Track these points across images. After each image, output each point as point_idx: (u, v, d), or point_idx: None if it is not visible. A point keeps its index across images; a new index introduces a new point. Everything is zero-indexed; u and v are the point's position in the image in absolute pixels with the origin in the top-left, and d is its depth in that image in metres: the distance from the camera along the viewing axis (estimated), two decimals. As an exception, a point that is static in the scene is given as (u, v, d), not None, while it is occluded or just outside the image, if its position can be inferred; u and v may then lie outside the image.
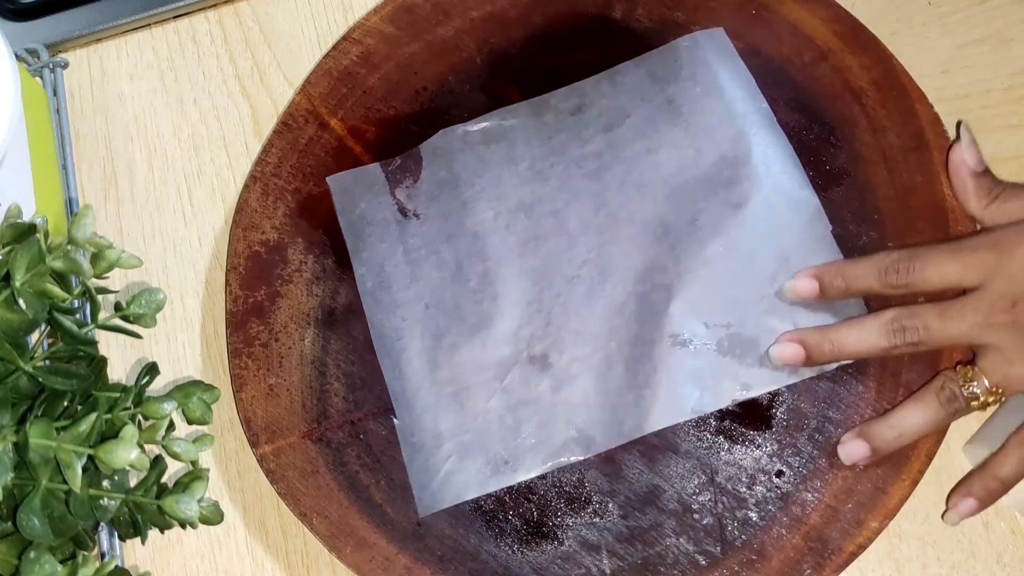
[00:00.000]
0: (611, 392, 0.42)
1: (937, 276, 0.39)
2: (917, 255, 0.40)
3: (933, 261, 0.39)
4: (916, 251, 0.40)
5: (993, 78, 0.47)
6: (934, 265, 0.39)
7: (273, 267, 0.46)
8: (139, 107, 0.51)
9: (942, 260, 0.39)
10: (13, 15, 0.52)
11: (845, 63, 0.46)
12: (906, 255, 0.40)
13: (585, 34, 0.48)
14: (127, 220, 0.50)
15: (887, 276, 0.40)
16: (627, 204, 0.44)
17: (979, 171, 0.42)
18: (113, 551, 0.42)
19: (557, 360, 0.43)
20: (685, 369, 0.42)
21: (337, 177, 0.47)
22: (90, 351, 0.39)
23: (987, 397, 0.39)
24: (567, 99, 0.47)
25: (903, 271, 0.39)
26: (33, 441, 0.34)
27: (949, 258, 0.39)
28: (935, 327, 0.39)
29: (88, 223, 0.39)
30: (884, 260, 0.40)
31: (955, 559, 0.41)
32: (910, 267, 0.39)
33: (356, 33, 0.49)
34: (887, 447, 0.40)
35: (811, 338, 0.40)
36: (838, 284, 0.41)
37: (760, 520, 0.40)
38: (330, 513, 0.42)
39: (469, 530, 0.41)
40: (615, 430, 0.41)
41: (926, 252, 0.40)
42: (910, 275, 0.39)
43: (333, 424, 0.43)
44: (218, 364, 0.46)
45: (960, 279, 0.39)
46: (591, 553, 0.41)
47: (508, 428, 0.42)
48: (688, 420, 0.41)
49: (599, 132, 0.46)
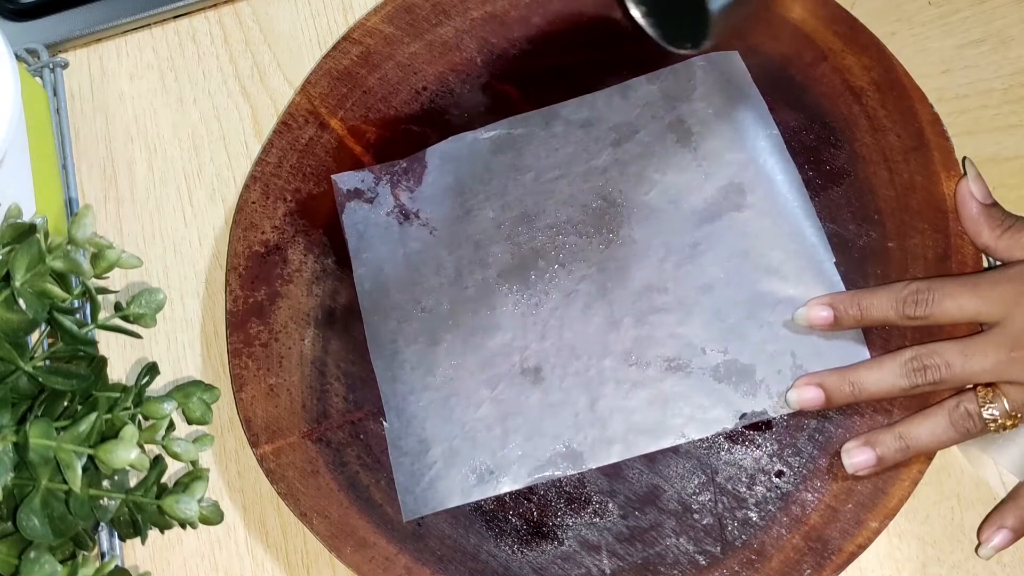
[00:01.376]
0: (602, 410, 0.42)
1: (956, 309, 0.39)
2: (935, 287, 0.39)
3: (953, 294, 0.39)
4: (933, 283, 0.39)
5: (993, 78, 0.47)
6: (953, 298, 0.39)
7: (273, 267, 0.46)
8: (139, 107, 0.51)
9: (961, 293, 0.39)
10: (13, 15, 0.52)
11: (845, 63, 0.46)
12: (924, 286, 0.39)
13: (585, 34, 0.48)
14: (127, 220, 0.50)
15: (905, 307, 0.39)
16: (630, 222, 0.44)
17: (988, 203, 0.42)
18: (113, 551, 0.42)
19: (549, 374, 0.43)
20: (679, 393, 0.42)
21: (341, 176, 0.47)
22: (90, 351, 0.39)
23: (1006, 420, 0.38)
24: (577, 111, 0.46)
25: (922, 303, 0.39)
26: (33, 441, 0.34)
27: (969, 291, 0.39)
28: (957, 365, 0.38)
29: (88, 223, 0.39)
30: (902, 291, 0.39)
31: (955, 559, 0.41)
32: (929, 299, 0.39)
33: (356, 33, 0.49)
34: (892, 458, 0.39)
35: (830, 381, 0.40)
36: (853, 313, 0.40)
37: (760, 520, 0.40)
38: (330, 513, 0.42)
39: (469, 530, 0.41)
40: (603, 449, 0.41)
41: (944, 284, 0.39)
42: (929, 307, 0.39)
43: (333, 424, 0.43)
44: (218, 364, 0.46)
45: (979, 313, 0.38)
46: (591, 553, 0.41)
47: (496, 438, 0.42)
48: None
49: (607, 147, 0.45)
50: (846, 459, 0.40)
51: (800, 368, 0.41)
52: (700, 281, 0.43)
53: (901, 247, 0.43)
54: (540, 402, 0.42)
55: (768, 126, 0.45)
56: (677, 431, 0.41)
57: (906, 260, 0.43)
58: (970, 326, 0.40)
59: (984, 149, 0.45)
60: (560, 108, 0.46)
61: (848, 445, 0.40)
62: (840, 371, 0.40)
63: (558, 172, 0.45)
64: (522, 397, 0.42)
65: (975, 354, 0.38)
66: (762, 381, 0.41)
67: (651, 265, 0.43)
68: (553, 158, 0.46)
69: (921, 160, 0.44)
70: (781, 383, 0.41)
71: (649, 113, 0.46)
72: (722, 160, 0.44)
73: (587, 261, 0.44)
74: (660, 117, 0.46)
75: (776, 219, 0.43)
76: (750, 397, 0.41)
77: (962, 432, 0.38)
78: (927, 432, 0.39)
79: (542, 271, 0.44)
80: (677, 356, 0.42)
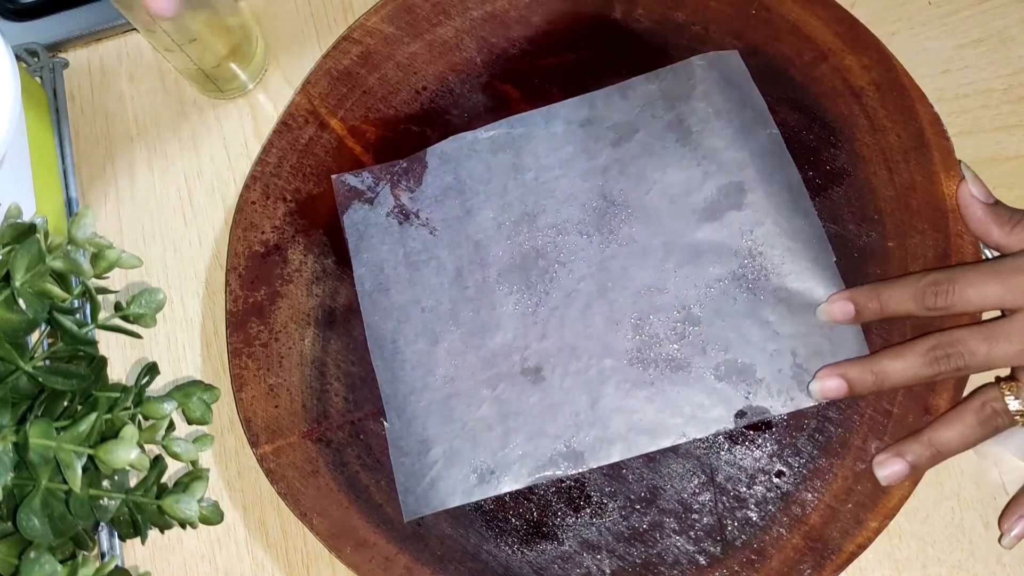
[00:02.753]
0: (602, 410, 0.42)
1: (979, 298, 0.38)
2: (956, 277, 0.39)
3: (974, 282, 0.38)
4: (953, 273, 0.39)
5: (993, 78, 0.47)
6: (975, 287, 0.38)
7: (273, 267, 0.46)
8: (139, 107, 0.51)
9: (983, 281, 0.38)
10: (13, 15, 0.52)
11: (845, 63, 0.46)
12: (944, 277, 0.39)
13: (585, 34, 0.48)
14: (127, 220, 0.50)
15: (926, 298, 0.39)
16: (630, 222, 0.44)
17: (991, 203, 0.42)
18: (113, 551, 0.42)
19: (550, 374, 0.43)
20: (679, 393, 0.42)
21: (341, 177, 0.47)
22: (90, 351, 0.39)
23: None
24: (577, 110, 0.46)
25: (942, 293, 0.38)
26: (33, 441, 0.34)
27: (990, 280, 0.38)
28: (981, 352, 0.38)
29: (88, 223, 0.39)
30: (921, 282, 0.39)
31: (955, 559, 0.41)
32: (950, 289, 0.38)
33: (356, 33, 0.49)
34: (924, 466, 0.39)
35: (852, 371, 0.40)
36: (873, 307, 0.40)
37: (760, 520, 0.40)
38: (330, 513, 0.42)
39: (469, 530, 0.41)
40: (604, 448, 0.41)
41: (965, 273, 0.39)
42: (950, 297, 0.38)
43: (333, 424, 0.43)
44: (218, 364, 0.46)
45: (1002, 300, 0.38)
46: (591, 553, 0.41)
47: (496, 438, 0.42)
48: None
49: (607, 146, 0.46)
50: (879, 472, 0.40)
51: (800, 367, 0.41)
52: (700, 280, 0.43)
53: (901, 247, 0.43)
54: (541, 402, 0.42)
55: (768, 125, 0.45)
56: (677, 431, 0.41)
57: (906, 260, 0.43)
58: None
59: (984, 149, 0.45)
60: (560, 108, 0.46)
61: (879, 458, 0.40)
62: (862, 361, 0.40)
63: (558, 172, 0.45)
64: (523, 397, 0.42)
65: (999, 340, 0.38)
66: (762, 380, 0.41)
67: (651, 265, 0.43)
68: (553, 157, 0.46)
69: (921, 160, 0.44)
70: (781, 382, 0.41)
71: (649, 112, 0.46)
72: (722, 159, 0.44)
73: (587, 261, 0.44)
74: (660, 116, 0.46)
75: (776, 218, 0.43)
76: (750, 397, 0.41)
77: (991, 430, 0.39)
78: (957, 436, 0.39)
79: (542, 271, 0.44)
80: (677, 355, 0.42)
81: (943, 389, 0.41)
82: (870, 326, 0.42)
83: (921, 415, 0.41)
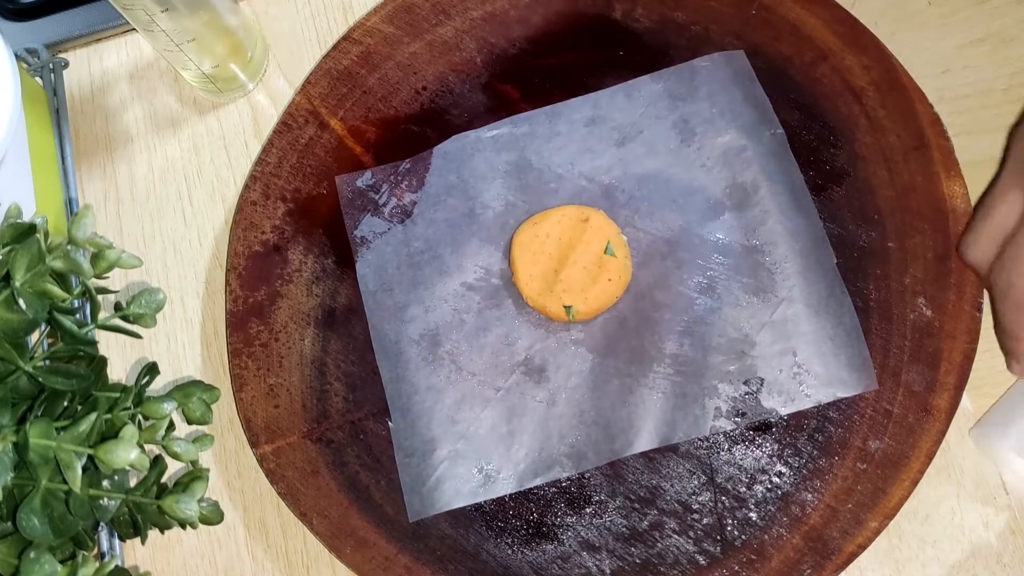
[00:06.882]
0: (605, 409, 0.42)
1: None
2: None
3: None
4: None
5: (993, 78, 0.47)
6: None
7: (273, 267, 0.46)
8: (139, 107, 0.51)
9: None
10: (13, 15, 0.52)
11: (845, 63, 0.46)
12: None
13: (585, 34, 0.48)
14: (127, 220, 0.50)
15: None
16: (634, 221, 0.44)
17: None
18: (113, 551, 0.42)
19: (554, 374, 0.43)
20: (682, 392, 0.42)
21: (344, 178, 0.47)
22: (90, 351, 0.39)
23: None
24: (581, 109, 0.46)
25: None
26: (33, 441, 0.34)
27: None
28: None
29: (88, 223, 0.39)
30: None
31: (955, 559, 0.41)
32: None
33: (356, 33, 0.49)
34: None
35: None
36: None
37: (760, 520, 0.40)
38: (330, 513, 0.42)
39: (469, 530, 0.41)
40: (607, 448, 0.41)
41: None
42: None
43: (333, 424, 0.43)
44: (218, 364, 0.46)
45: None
46: (591, 553, 0.41)
47: (501, 438, 0.42)
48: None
49: (611, 146, 0.46)
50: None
51: (801, 367, 0.41)
52: (702, 280, 0.43)
53: (901, 247, 0.43)
54: (545, 402, 0.42)
55: (772, 125, 0.45)
56: (678, 430, 0.41)
57: (906, 260, 0.43)
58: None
59: (984, 149, 0.45)
60: (563, 107, 0.46)
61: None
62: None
63: (561, 171, 0.45)
64: (527, 397, 0.42)
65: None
66: (763, 381, 0.41)
67: (655, 263, 0.43)
68: (557, 157, 0.46)
69: (921, 160, 0.44)
70: (782, 383, 0.41)
71: (653, 112, 0.46)
72: (725, 159, 0.44)
73: None
74: (664, 116, 0.46)
75: (779, 218, 0.43)
76: (751, 397, 0.41)
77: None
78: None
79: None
80: (679, 355, 0.42)
81: (943, 389, 0.41)
82: (870, 326, 0.42)
83: (921, 415, 0.41)
